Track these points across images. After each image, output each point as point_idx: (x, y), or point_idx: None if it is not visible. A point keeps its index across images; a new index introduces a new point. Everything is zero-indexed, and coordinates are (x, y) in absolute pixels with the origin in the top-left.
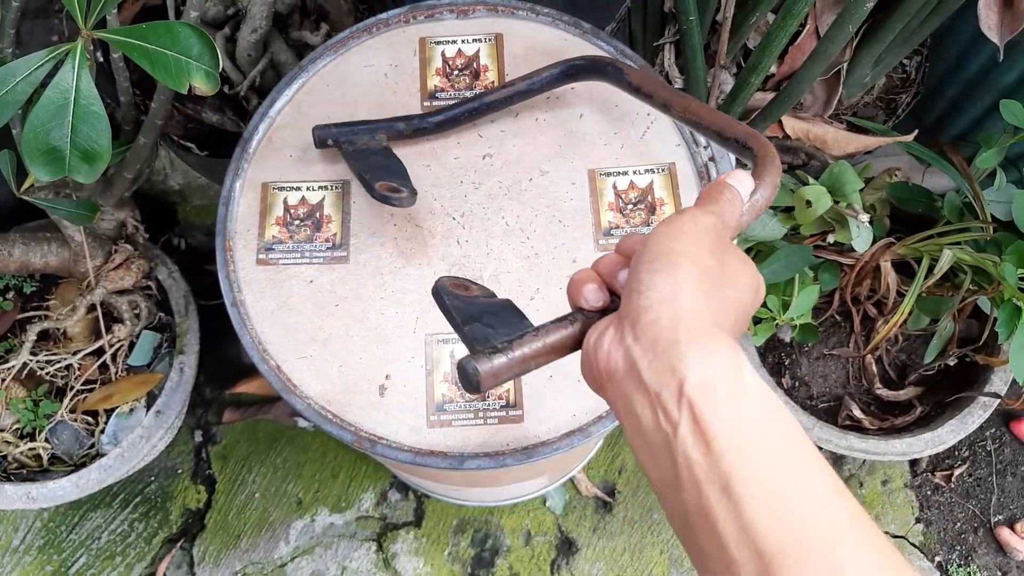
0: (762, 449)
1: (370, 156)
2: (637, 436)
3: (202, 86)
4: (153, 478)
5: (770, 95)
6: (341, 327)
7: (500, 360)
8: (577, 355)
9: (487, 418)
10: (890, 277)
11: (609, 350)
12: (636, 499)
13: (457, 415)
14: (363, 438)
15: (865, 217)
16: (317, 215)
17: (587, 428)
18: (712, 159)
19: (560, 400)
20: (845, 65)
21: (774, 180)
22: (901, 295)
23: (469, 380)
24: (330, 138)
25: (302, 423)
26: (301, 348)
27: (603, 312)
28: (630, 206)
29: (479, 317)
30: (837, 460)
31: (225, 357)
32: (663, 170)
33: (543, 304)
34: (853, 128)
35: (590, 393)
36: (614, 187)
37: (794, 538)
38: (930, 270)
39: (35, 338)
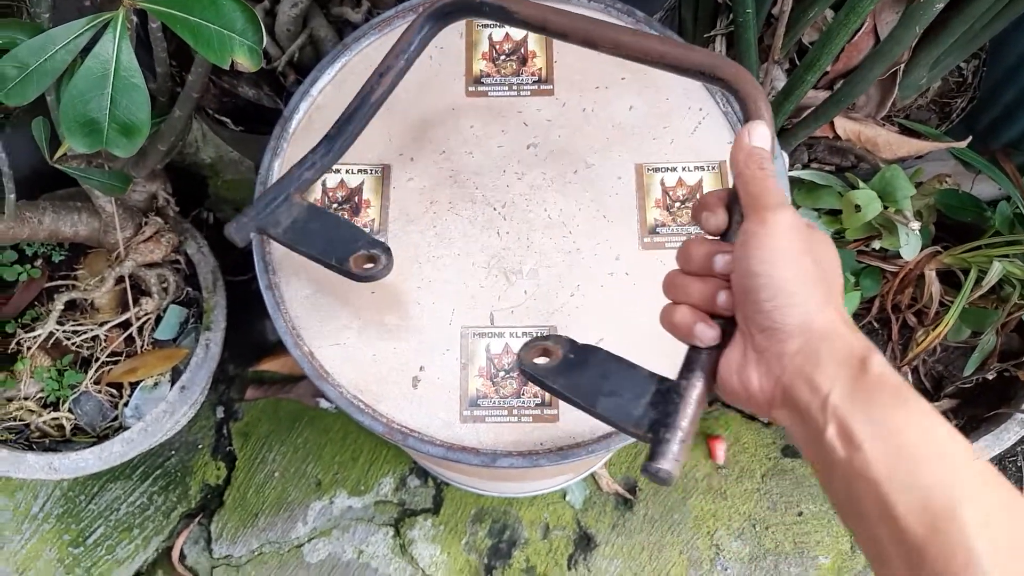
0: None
1: (306, 230)
2: (804, 449)
3: (245, 62)
4: (173, 452)
5: (822, 93)
6: (376, 315)
7: (676, 448)
8: (617, 347)
9: (521, 416)
10: (934, 287)
11: (762, 386)
12: (657, 497)
13: (491, 411)
14: (395, 430)
15: (916, 225)
16: (356, 199)
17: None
18: None
19: None
20: (902, 66)
21: (770, 114)
22: (943, 305)
23: (665, 482)
24: (254, 231)
25: (324, 404)
26: (335, 335)
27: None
28: (677, 204)
29: (598, 387)
30: None
31: (250, 334)
32: (713, 168)
33: (583, 300)
34: (905, 131)
35: None
36: (662, 183)
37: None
38: (977, 281)
39: (62, 307)
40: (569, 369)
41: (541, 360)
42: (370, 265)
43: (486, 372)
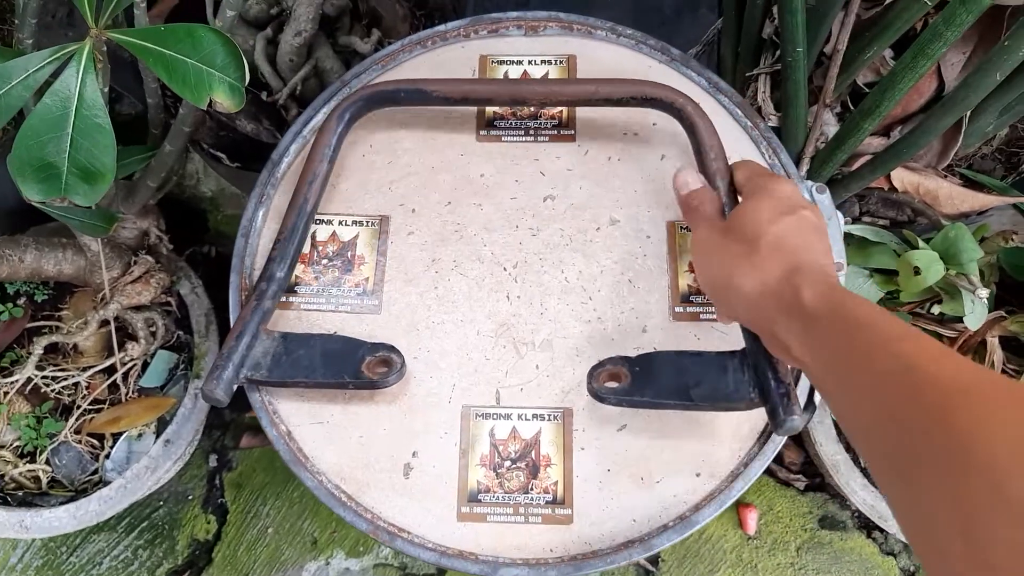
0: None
1: (294, 360)
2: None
3: (225, 101)
4: (162, 503)
5: (876, 140)
6: (365, 390)
7: (793, 395)
8: (643, 437)
9: (529, 515)
10: (996, 355)
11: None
12: (682, 570)
13: (493, 508)
14: (381, 529)
15: (984, 292)
16: (348, 254)
17: (649, 540)
18: None
19: (619, 499)
20: (968, 113)
21: (714, 139)
22: (1005, 374)
23: (797, 430)
24: (240, 383)
25: None
26: (318, 411)
27: None
28: None
29: (682, 384)
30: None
31: None
32: None
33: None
34: (967, 183)
35: (656, 494)
36: None
37: None
38: None
39: (42, 351)
40: (645, 380)
41: (612, 384)
42: (385, 369)
43: (489, 461)
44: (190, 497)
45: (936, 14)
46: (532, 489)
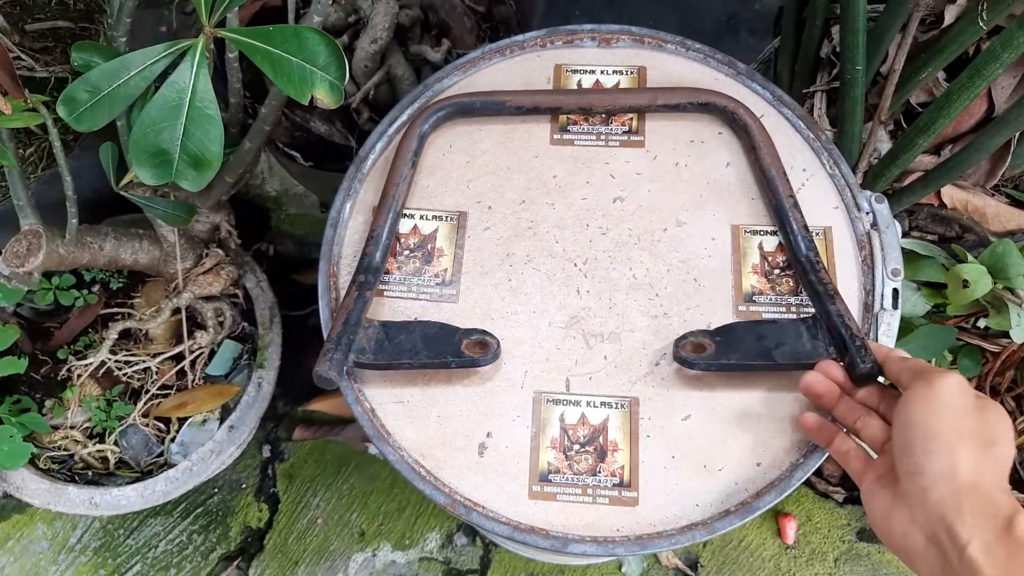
0: None
1: (396, 345)
2: None
3: (325, 98)
4: (217, 490)
5: (927, 158)
6: (443, 372)
7: (866, 344)
8: (707, 427)
9: (597, 496)
10: None
11: (905, 532)
12: None
13: (563, 488)
14: (458, 502)
15: None
16: (428, 246)
17: (712, 523)
18: (875, 225)
19: (683, 485)
20: (1017, 133)
21: (766, 138)
22: None
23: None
24: (349, 365)
25: (372, 450)
26: (399, 391)
27: None
28: (777, 271)
29: (763, 347)
30: None
31: (302, 371)
32: (818, 234)
33: (668, 371)
34: (1014, 202)
35: (718, 482)
36: (760, 247)
37: None
38: None
39: (116, 336)
40: (729, 347)
41: (699, 354)
42: (483, 349)
43: (559, 444)
44: (244, 486)
45: (988, 39)
46: (600, 472)
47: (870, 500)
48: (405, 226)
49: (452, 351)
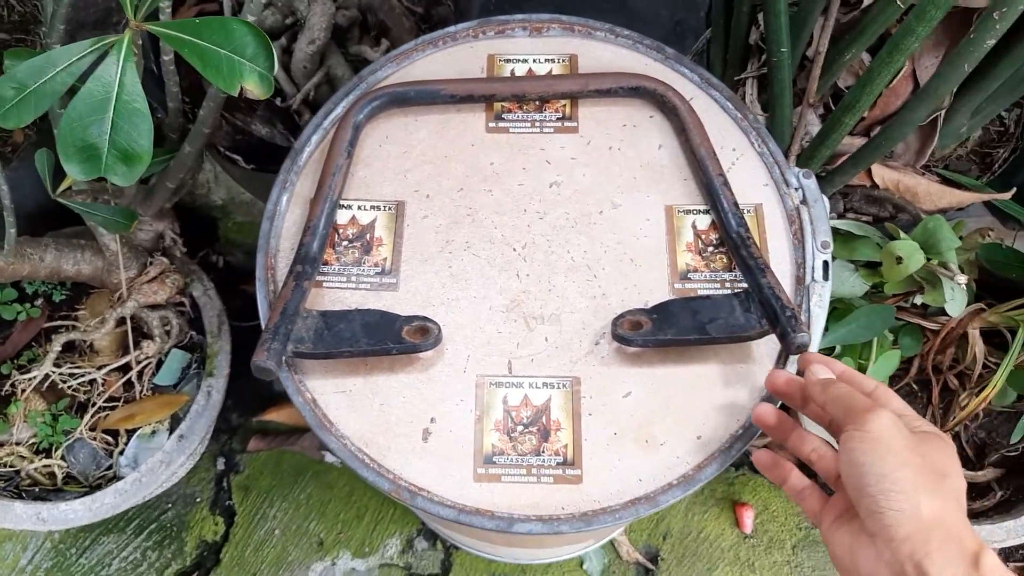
0: None
1: (336, 334)
2: None
3: (254, 89)
4: (170, 505)
5: (858, 140)
6: (385, 361)
7: (797, 317)
8: (647, 403)
9: (541, 476)
10: (978, 347)
11: (872, 571)
12: (681, 568)
13: (507, 469)
14: (402, 488)
15: (963, 278)
16: (367, 237)
17: (655, 496)
18: (804, 202)
19: (625, 460)
20: (943, 113)
21: (695, 119)
22: (987, 367)
23: (807, 347)
24: (287, 355)
25: (329, 458)
26: (341, 381)
27: None
28: (711, 248)
29: (698, 322)
30: None
31: (254, 383)
32: (749, 211)
33: (609, 349)
34: (945, 182)
35: (660, 456)
36: (693, 226)
37: None
38: None
39: (60, 349)
40: (665, 323)
41: (636, 331)
42: (424, 335)
43: (503, 426)
44: (198, 499)
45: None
46: (544, 452)
47: (832, 540)
48: (343, 217)
49: (393, 338)
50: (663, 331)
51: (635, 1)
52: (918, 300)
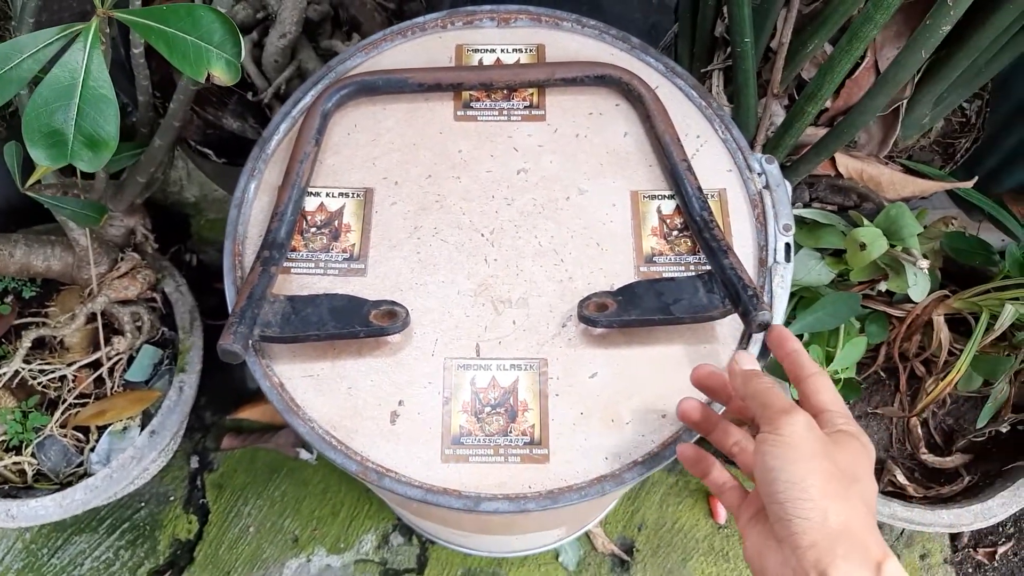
0: None
1: (303, 318)
2: None
3: (222, 75)
4: (143, 504)
5: (822, 131)
6: (353, 345)
7: (758, 298)
8: (613, 383)
9: (508, 455)
10: (943, 333)
11: (780, 574)
12: (656, 559)
13: (475, 450)
14: (370, 469)
15: (925, 263)
16: (335, 223)
17: (621, 474)
18: (767, 187)
19: (592, 440)
20: (904, 103)
21: (659, 107)
22: (953, 354)
23: (768, 326)
24: (255, 339)
25: (304, 455)
26: (308, 365)
27: None
28: (675, 232)
29: (662, 303)
30: None
31: (228, 380)
32: (713, 196)
33: (576, 331)
34: (908, 172)
35: (626, 434)
36: (658, 211)
37: None
38: (988, 327)
39: (30, 345)
40: (629, 305)
41: (601, 312)
42: (392, 318)
43: (471, 407)
44: (171, 498)
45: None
46: (511, 432)
47: (746, 538)
48: (311, 204)
49: (360, 322)
50: (628, 312)
51: (610, 4)
52: (883, 287)
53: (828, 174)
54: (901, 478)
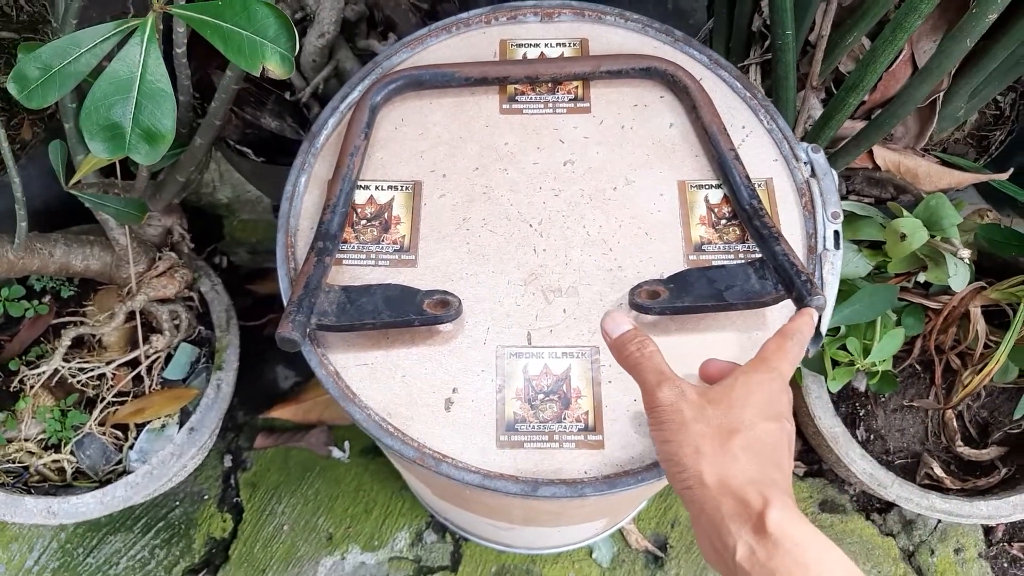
0: None
1: (359, 307)
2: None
3: (276, 68)
4: (178, 503)
5: (859, 124)
6: (406, 334)
7: (812, 281)
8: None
9: (563, 442)
10: (980, 325)
11: (702, 547)
12: (689, 555)
13: (530, 436)
14: (427, 455)
15: (966, 253)
16: (385, 215)
17: None
18: (813, 175)
19: (644, 428)
20: (941, 95)
21: (705, 98)
22: (989, 346)
23: (824, 308)
24: (312, 327)
25: (336, 453)
26: (362, 355)
27: None
28: (724, 221)
29: (715, 290)
30: (908, 524)
31: (261, 380)
32: (760, 185)
33: None
34: (944, 164)
35: None
36: (706, 200)
37: None
38: None
39: (69, 344)
40: (681, 292)
41: (653, 300)
42: (445, 307)
43: (524, 394)
44: (206, 497)
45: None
46: (565, 419)
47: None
48: (361, 197)
49: (414, 311)
50: (680, 299)
51: None
52: (921, 279)
53: (865, 166)
54: (938, 471)
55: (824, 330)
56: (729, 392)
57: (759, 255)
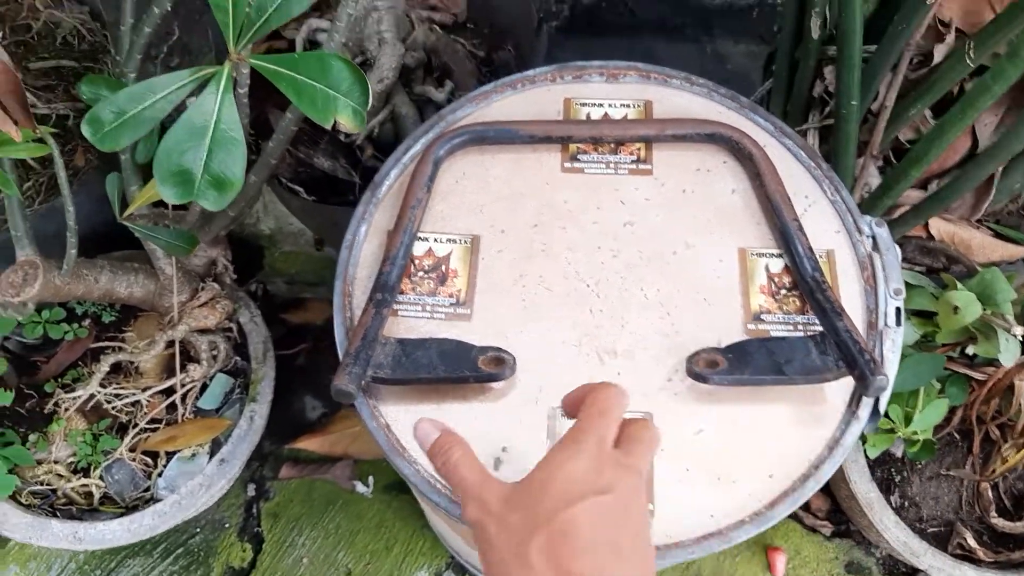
0: None
1: (414, 361)
2: None
3: (348, 123)
4: (199, 530)
5: (915, 193)
6: (458, 389)
7: (873, 358)
8: (719, 440)
9: None
10: (1023, 398)
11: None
12: None
13: None
14: None
15: (1019, 330)
16: (442, 268)
17: (727, 532)
18: (876, 249)
19: (697, 497)
20: (1000, 169)
21: (769, 166)
22: None
23: (885, 388)
24: (367, 380)
25: (360, 488)
26: (414, 408)
27: None
28: (784, 291)
29: (775, 363)
30: None
31: (289, 410)
32: (822, 256)
33: (682, 386)
34: (998, 235)
35: (732, 493)
36: (767, 269)
37: None
38: None
39: (107, 369)
40: (740, 363)
41: (712, 369)
42: (500, 365)
43: None
44: (227, 525)
45: (969, 80)
46: None
47: None
48: (419, 249)
49: (469, 367)
50: (740, 370)
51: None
52: (969, 350)
53: (919, 236)
54: (971, 541)
55: (883, 409)
56: (528, 486)
57: (819, 328)
